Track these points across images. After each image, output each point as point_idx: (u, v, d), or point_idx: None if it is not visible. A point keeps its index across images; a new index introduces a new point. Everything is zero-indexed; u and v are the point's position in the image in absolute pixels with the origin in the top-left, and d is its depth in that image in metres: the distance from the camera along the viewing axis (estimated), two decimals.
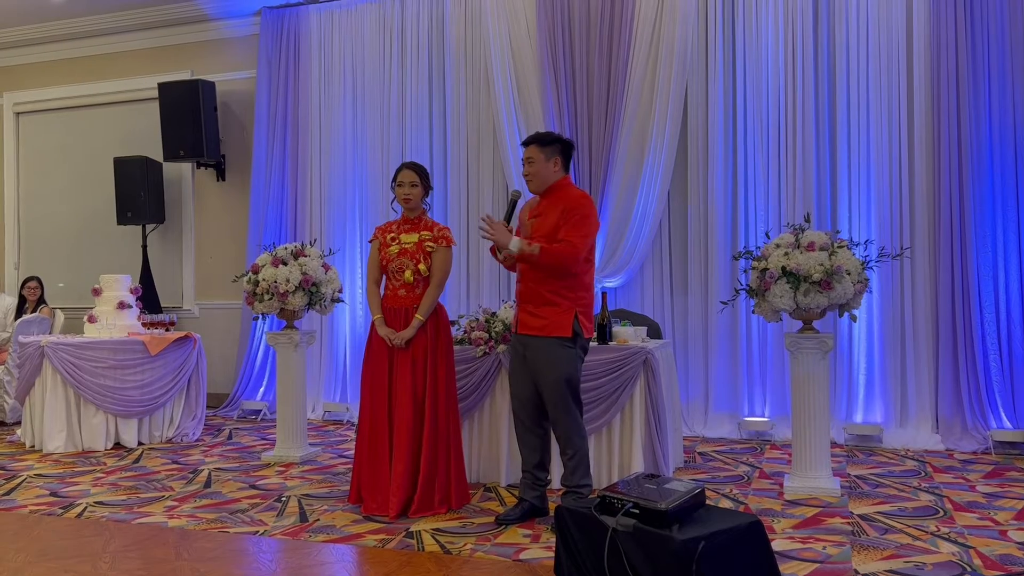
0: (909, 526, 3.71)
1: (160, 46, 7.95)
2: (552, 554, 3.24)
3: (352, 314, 7.08)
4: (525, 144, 3.89)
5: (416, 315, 4.02)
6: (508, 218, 3.86)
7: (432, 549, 3.46)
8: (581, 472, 3.84)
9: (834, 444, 5.52)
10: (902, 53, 5.74)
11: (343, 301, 5.68)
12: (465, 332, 4.69)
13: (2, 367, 6.72)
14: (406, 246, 4.08)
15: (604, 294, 4.83)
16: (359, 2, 7.11)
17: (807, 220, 4.50)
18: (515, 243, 3.70)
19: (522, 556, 3.36)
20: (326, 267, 5.34)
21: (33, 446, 5.79)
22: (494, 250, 3.92)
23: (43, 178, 8.53)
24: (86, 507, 4.22)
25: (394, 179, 4.15)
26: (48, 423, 5.67)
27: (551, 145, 3.85)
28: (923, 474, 4.76)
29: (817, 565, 3.20)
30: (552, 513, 3.83)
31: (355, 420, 6.81)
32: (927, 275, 5.67)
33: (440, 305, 4.16)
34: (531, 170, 3.83)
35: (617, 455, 4.44)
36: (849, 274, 4.13)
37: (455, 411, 4.14)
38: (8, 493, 4.54)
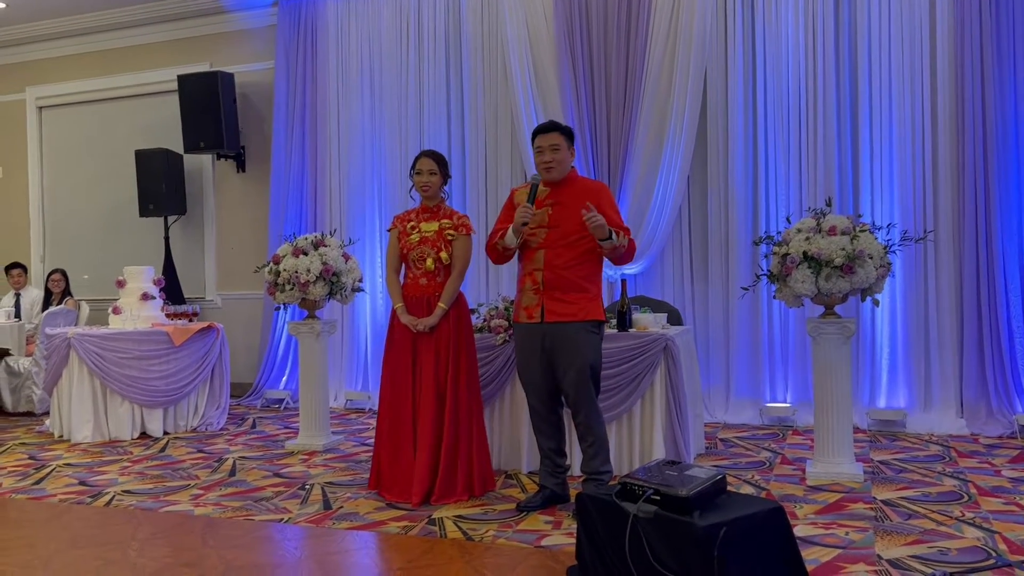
0: (933, 511, 3.69)
1: (179, 38, 8.00)
2: (573, 540, 3.26)
3: (372, 303, 7.12)
4: (545, 131, 3.85)
5: (439, 303, 4.03)
6: (532, 202, 3.82)
7: (454, 536, 3.49)
8: (601, 458, 3.86)
9: (857, 429, 5.49)
10: (925, 31, 5.65)
11: (363, 290, 5.71)
12: (484, 320, 4.69)
13: (30, 358, 6.83)
14: (427, 234, 4.08)
15: (624, 281, 4.82)
16: None
17: (828, 204, 4.46)
18: (606, 227, 3.64)
19: (544, 542, 3.38)
20: (346, 257, 5.37)
21: (62, 436, 5.88)
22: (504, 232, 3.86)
23: (66, 172, 8.63)
24: (114, 496, 4.29)
25: (412, 167, 4.15)
26: (76, 413, 5.75)
27: (568, 134, 3.90)
28: (947, 459, 4.72)
29: (840, 551, 3.19)
30: (573, 500, 3.85)
31: (377, 408, 6.85)
32: (951, 258, 5.60)
33: (461, 293, 4.17)
34: (557, 157, 3.82)
35: (638, 442, 4.44)
36: (871, 258, 4.10)
37: (478, 399, 4.15)
38: (38, 482, 4.62)
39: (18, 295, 7.60)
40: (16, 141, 8.78)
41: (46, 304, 7.48)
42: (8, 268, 7.60)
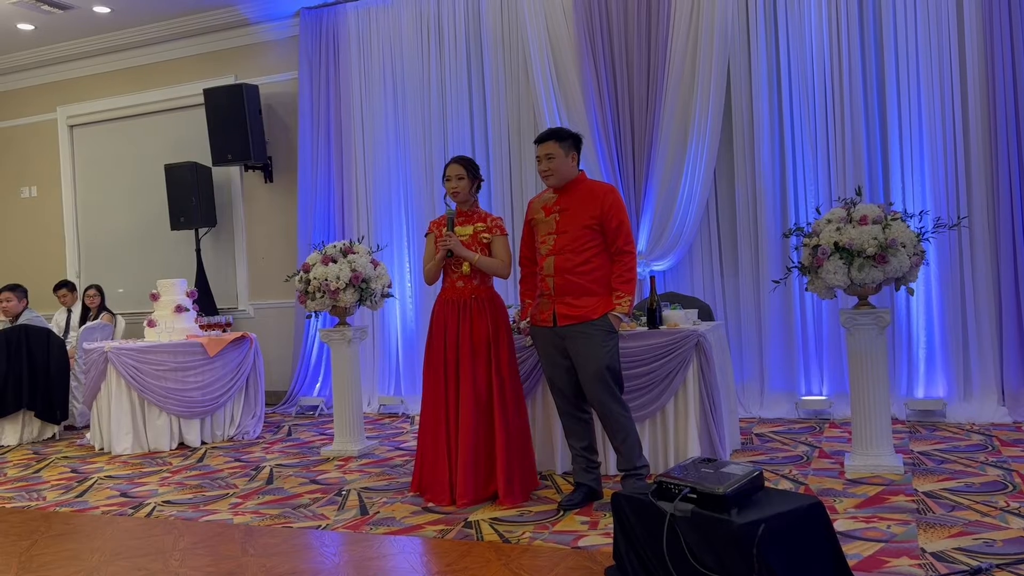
0: (977, 502, 3.62)
1: (203, 53, 8.10)
2: (611, 541, 3.25)
3: (402, 308, 7.15)
4: (540, 141, 3.91)
5: (475, 255, 4.03)
6: (452, 230, 4.04)
7: (491, 538, 3.49)
8: (636, 453, 3.89)
9: (896, 420, 5.42)
10: (952, 11, 5.54)
11: (393, 296, 5.73)
12: (514, 322, 4.69)
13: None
14: (461, 238, 4.11)
15: (652, 278, 4.79)
16: None
17: (859, 193, 4.40)
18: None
19: (581, 543, 3.37)
20: (375, 263, 5.40)
21: (102, 448, 5.98)
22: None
23: (98, 188, 8.78)
24: (155, 507, 4.35)
25: (444, 174, 4.19)
26: (115, 426, 5.85)
27: (567, 140, 3.89)
28: (990, 448, 4.64)
29: (882, 545, 3.14)
30: (608, 498, 3.84)
31: (410, 413, 6.89)
32: (987, 243, 5.50)
33: (498, 295, 4.19)
34: (552, 166, 3.87)
35: (672, 440, 4.42)
36: (904, 247, 4.03)
37: (523, 400, 4.17)
38: (81, 495, 4.70)
39: (69, 311, 7.77)
40: (49, 160, 8.95)
41: (83, 319, 7.62)
42: (56, 287, 7.77)
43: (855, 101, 5.74)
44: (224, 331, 6.46)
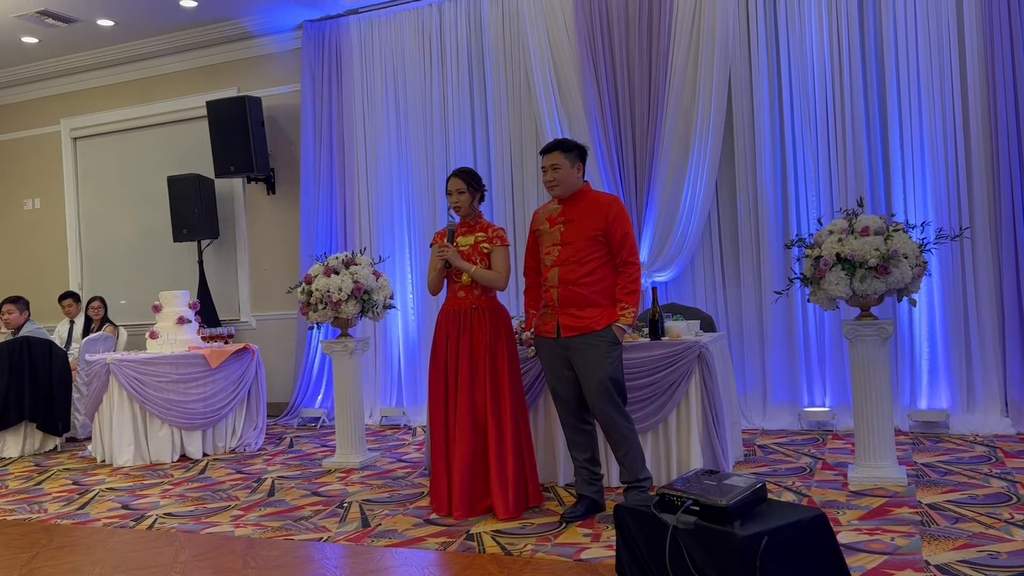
0: (981, 514, 3.60)
1: (206, 65, 8.14)
2: (613, 553, 3.24)
3: (404, 320, 7.15)
4: (545, 152, 3.92)
5: (471, 267, 4.04)
6: (451, 242, 4.08)
7: (493, 551, 3.48)
8: (639, 465, 3.87)
9: (899, 432, 5.40)
10: (952, 22, 5.56)
11: (395, 307, 5.74)
12: (517, 333, 4.69)
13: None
14: (463, 249, 4.12)
15: (655, 289, 4.79)
16: (397, 10, 7.18)
17: (860, 204, 4.40)
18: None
19: (583, 556, 3.35)
20: (377, 274, 5.40)
21: (104, 460, 5.97)
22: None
23: (101, 200, 8.80)
24: (156, 519, 4.34)
25: (446, 188, 4.20)
26: (117, 438, 5.84)
27: (573, 151, 3.90)
28: (994, 459, 4.62)
29: (886, 557, 3.13)
30: (610, 510, 3.83)
31: (412, 424, 6.89)
32: (989, 254, 5.50)
33: (500, 305, 4.19)
34: (557, 176, 3.87)
35: (675, 451, 4.40)
36: (906, 258, 4.03)
37: (523, 411, 4.15)
38: (82, 507, 4.69)
39: (72, 323, 7.78)
40: (53, 172, 8.98)
41: (86, 331, 7.62)
42: (61, 298, 7.79)
43: (856, 112, 5.76)
44: (226, 343, 6.46)
